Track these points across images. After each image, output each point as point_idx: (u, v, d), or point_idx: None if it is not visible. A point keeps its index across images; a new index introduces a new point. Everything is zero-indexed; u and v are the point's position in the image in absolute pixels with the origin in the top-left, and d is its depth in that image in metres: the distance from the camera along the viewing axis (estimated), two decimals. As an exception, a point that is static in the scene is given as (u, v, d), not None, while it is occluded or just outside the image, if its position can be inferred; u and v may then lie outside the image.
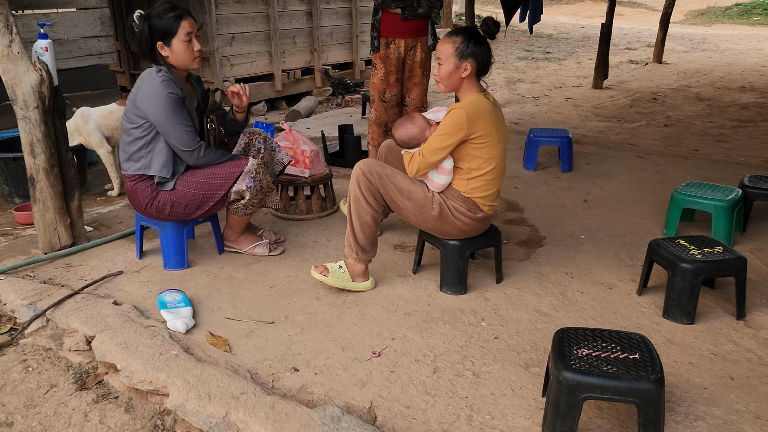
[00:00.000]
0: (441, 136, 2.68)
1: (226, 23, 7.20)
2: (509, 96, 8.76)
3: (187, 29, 2.88)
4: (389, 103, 4.25)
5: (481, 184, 2.77)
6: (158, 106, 2.84)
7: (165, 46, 2.89)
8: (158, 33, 2.87)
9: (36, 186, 3.15)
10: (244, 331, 2.60)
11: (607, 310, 2.79)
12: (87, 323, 2.57)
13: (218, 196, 3.00)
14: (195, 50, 2.93)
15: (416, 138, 2.79)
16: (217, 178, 2.99)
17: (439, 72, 2.76)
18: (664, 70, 10.76)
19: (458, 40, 2.71)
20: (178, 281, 3.02)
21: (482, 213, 2.81)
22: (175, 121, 2.86)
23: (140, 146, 2.94)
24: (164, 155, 2.95)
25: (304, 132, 6.39)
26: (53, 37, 5.51)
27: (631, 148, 5.66)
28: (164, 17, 2.86)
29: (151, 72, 2.91)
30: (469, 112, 2.65)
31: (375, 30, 4.13)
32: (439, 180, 2.78)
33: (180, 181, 2.98)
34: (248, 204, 3.06)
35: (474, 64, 2.71)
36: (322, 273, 2.89)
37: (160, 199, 2.98)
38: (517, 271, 3.16)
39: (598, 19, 19.29)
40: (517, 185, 4.47)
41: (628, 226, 3.73)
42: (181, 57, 2.91)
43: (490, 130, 2.69)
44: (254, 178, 3.00)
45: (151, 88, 2.86)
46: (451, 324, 2.67)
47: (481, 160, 2.73)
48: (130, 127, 2.94)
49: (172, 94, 2.85)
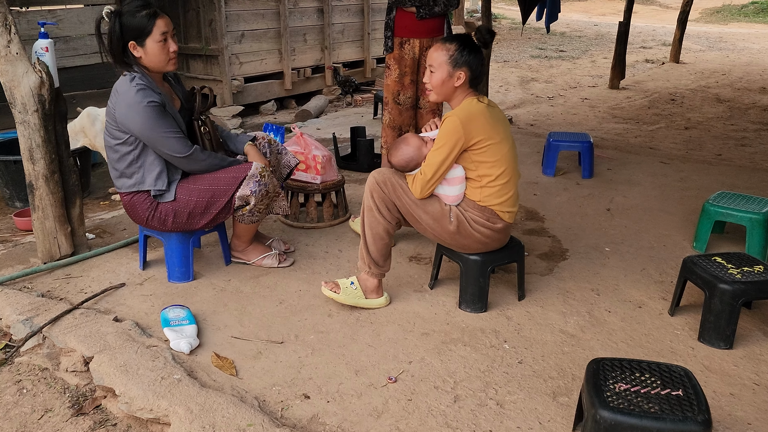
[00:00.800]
0: (438, 150, 2.55)
1: (235, 20, 7.05)
2: (523, 96, 8.57)
3: (162, 28, 2.68)
4: (404, 106, 4.08)
5: (495, 190, 2.60)
6: (139, 119, 2.64)
7: (138, 46, 2.67)
8: (130, 32, 2.65)
9: (35, 193, 3.01)
10: (251, 352, 2.45)
11: (638, 332, 2.62)
12: (85, 342, 2.42)
13: (222, 203, 2.84)
14: (171, 51, 2.72)
15: (414, 159, 2.64)
16: (220, 184, 2.83)
17: (431, 80, 2.63)
18: (681, 69, 10.54)
19: (452, 47, 2.58)
20: (182, 295, 2.87)
21: (502, 222, 2.65)
22: (162, 131, 2.67)
23: (130, 162, 2.77)
24: (157, 167, 2.77)
25: (314, 133, 6.24)
26: (59, 35, 5.38)
27: (652, 152, 5.47)
28: (137, 15, 2.64)
29: (125, 81, 2.68)
30: (462, 118, 2.52)
31: (389, 29, 3.96)
32: (452, 191, 2.62)
33: (180, 190, 2.82)
34: (254, 210, 2.89)
35: (468, 72, 2.59)
36: (332, 290, 2.73)
37: (161, 210, 2.82)
38: (540, 286, 2.99)
39: (611, 17, 19.07)
40: (537, 192, 4.30)
41: (655, 238, 3.55)
42: (155, 58, 2.71)
43: (488, 132, 2.55)
44: (259, 182, 2.83)
45: (127, 100, 2.65)
46: (472, 346, 2.51)
47: (488, 164, 2.57)
48: (114, 143, 2.76)
49: (152, 102, 2.64)
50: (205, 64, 7.19)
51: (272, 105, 7.60)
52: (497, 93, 8.69)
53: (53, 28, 3.27)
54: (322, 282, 2.79)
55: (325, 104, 7.72)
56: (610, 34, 15.10)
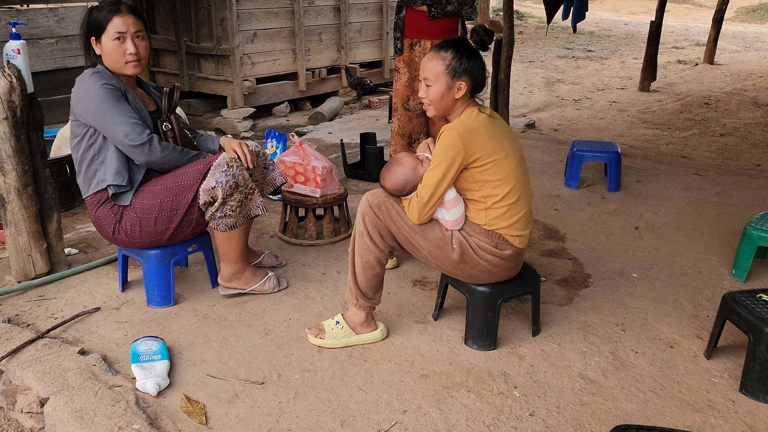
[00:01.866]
0: (435, 168, 2.24)
1: (248, 19, 6.81)
2: (548, 98, 8.20)
3: (118, 27, 2.46)
4: (414, 112, 3.78)
5: (501, 212, 2.29)
6: (93, 102, 2.45)
7: (97, 42, 2.51)
8: (91, 27, 2.51)
9: (7, 207, 2.77)
10: (227, 395, 2.17)
11: (669, 378, 2.29)
12: (42, 380, 2.17)
13: (187, 200, 2.53)
14: (128, 53, 2.49)
15: (410, 181, 2.33)
16: (183, 179, 2.54)
17: (429, 94, 2.31)
18: (715, 71, 10.05)
19: (448, 55, 2.26)
20: (160, 322, 2.61)
21: (512, 249, 2.33)
22: (115, 113, 2.44)
23: (91, 158, 2.54)
24: (116, 161, 2.52)
25: (325, 137, 5.97)
26: (60, 34, 5.19)
27: (685, 162, 5.09)
28: (102, 9, 2.48)
29: (85, 73, 2.53)
30: (460, 131, 2.21)
31: (398, 30, 3.67)
32: (450, 216, 2.31)
33: (142, 194, 2.55)
34: (225, 209, 2.54)
35: (469, 82, 2.28)
36: (317, 336, 2.46)
37: (125, 220, 2.55)
38: (558, 319, 2.67)
39: (642, 15, 18.50)
40: (558, 206, 3.96)
41: (689, 263, 3.19)
42: (110, 58, 2.51)
43: (492, 147, 2.23)
44: (226, 172, 2.49)
45: (82, 85, 2.49)
46: (476, 392, 2.20)
47: (493, 183, 2.26)
48: (75, 141, 2.56)
49: (107, 85, 2.46)
50: (217, 64, 6.96)
51: (285, 107, 7.34)
52: (521, 95, 8.33)
53: (25, 27, 3.05)
54: (306, 329, 2.52)
55: (340, 106, 7.44)
56: (640, 33, 14.60)
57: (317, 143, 5.74)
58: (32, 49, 4.92)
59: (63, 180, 3.81)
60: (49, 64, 5.10)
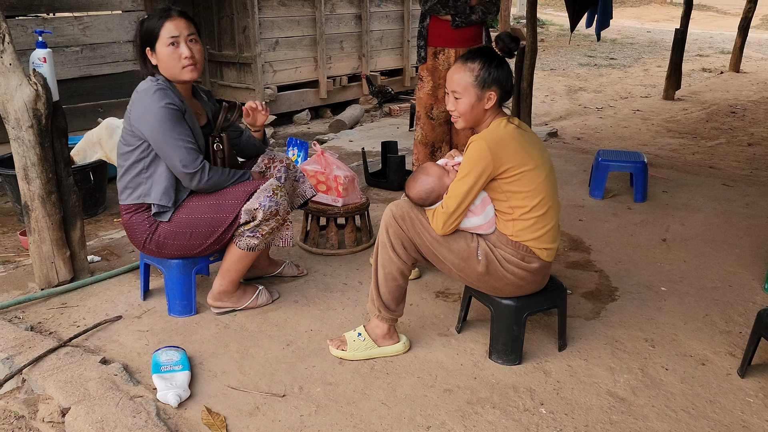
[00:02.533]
0: (463, 179, 2.20)
1: (269, 27, 6.84)
2: (570, 107, 8.12)
3: (171, 31, 2.42)
4: (437, 121, 3.75)
5: (529, 224, 2.24)
6: (153, 121, 2.41)
7: (152, 52, 2.47)
8: (145, 37, 2.47)
9: (31, 215, 2.78)
10: (247, 407, 2.14)
11: (701, 397, 2.22)
12: (64, 390, 2.16)
13: (228, 221, 2.53)
14: (183, 57, 2.45)
15: (435, 191, 2.30)
16: (228, 198, 2.54)
17: (458, 107, 2.27)
18: (741, 79, 9.88)
19: (476, 66, 2.22)
20: (181, 332, 2.59)
21: (539, 262, 2.28)
22: (173, 137, 2.42)
23: (139, 171, 2.52)
24: (165, 181, 2.51)
25: (346, 146, 5.96)
26: (85, 42, 5.24)
27: (712, 172, 4.99)
28: (153, 18, 2.45)
29: (145, 83, 2.48)
30: (489, 142, 2.17)
31: (422, 38, 3.64)
32: (477, 221, 2.27)
33: (181, 208, 2.55)
34: (257, 230, 2.54)
35: (498, 91, 2.24)
36: (339, 347, 2.42)
37: (160, 232, 2.55)
38: (584, 334, 2.60)
39: (665, 23, 18.30)
40: (583, 217, 3.90)
41: (719, 276, 3.11)
42: (166, 65, 2.47)
43: (521, 158, 2.18)
44: (271, 197, 2.52)
45: (144, 99, 2.44)
46: (502, 409, 2.15)
47: (521, 194, 2.21)
48: (126, 150, 2.53)
49: (170, 104, 2.41)
50: (239, 72, 6.99)
51: (306, 114, 7.35)
52: (542, 103, 8.26)
53: (50, 36, 3.06)
54: (328, 340, 2.49)
55: (361, 114, 7.43)
56: (663, 41, 14.46)
57: (338, 151, 5.72)
58: (57, 56, 4.97)
59: (86, 187, 3.84)
60: (73, 72, 5.14)
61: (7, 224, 3.92)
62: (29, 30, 4.81)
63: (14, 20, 4.76)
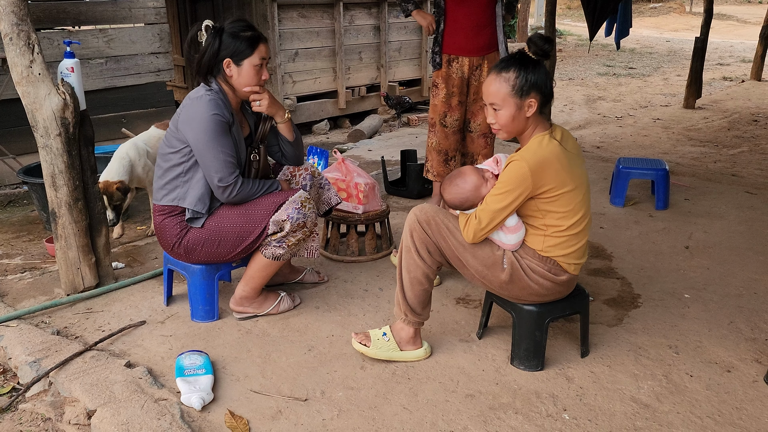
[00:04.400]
0: (499, 195, 2.17)
1: (289, 38, 6.91)
2: (589, 116, 8.09)
3: (263, 54, 2.57)
4: (450, 129, 3.76)
5: (561, 241, 2.23)
6: (200, 128, 2.47)
7: (233, 64, 2.54)
8: (230, 50, 2.53)
9: (58, 221, 2.83)
10: (270, 411, 2.16)
11: (727, 404, 2.19)
12: (90, 392, 2.19)
13: (257, 231, 2.58)
14: (262, 78, 2.60)
15: (470, 199, 2.29)
16: (258, 208, 2.59)
17: (498, 119, 2.21)
18: (763, 88, 9.78)
19: (511, 75, 2.15)
20: (204, 337, 2.62)
21: (567, 275, 2.27)
22: (216, 148, 2.48)
23: (177, 174, 2.58)
24: (202, 187, 2.57)
25: (365, 155, 5.98)
26: (110, 54, 5.33)
27: (735, 180, 4.93)
28: (241, 35, 2.53)
29: (199, 90, 2.55)
30: (531, 164, 2.11)
31: (437, 44, 3.65)
32: (509, 240, 2.25)
33: (212, 215, 2.60)
34: (284, 240, 2.58)
35: (539, 96, 2.17)
36: (362, 342, 2.43)
37: (189, 237, 2.59)
38: (607, 340, 2.59)
39: (684, 33, 18.18)
40: (603, 225, 3.87)
41: (743, 283, 3.07)
42: (246, 81, 2.57)
43: (562, 180, 2.15)
44: (299, 209, 2.56)
45: (195, 105, 2.50)
46: (524, 414, 2.14)
47: (558, 214, 2.19)
48: (168, 151, 2.59)
49: (218, 116, 2.48)
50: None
51: (325, 124, 7.40)
52: (561, 113, 8.24)
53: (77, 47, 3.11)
54: (353, 333, 2.49)
55: (379, 124, 7.46)
56: (683, 50, 14.36)
57: (357, 160, 5.74)
58: (82, 68, 5.06)
59: (110, 195, 3.88)
60: (98, 84, 5.24)
61: (33, 232, 3.99)
62: (55, 42, 4.91)
63: (41, 33, 4.87)
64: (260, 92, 2.63)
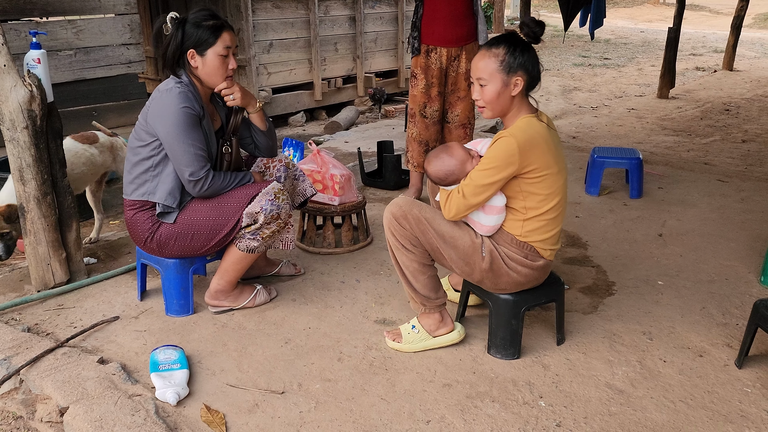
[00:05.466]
0: (486, 170, 2.16)
1: (263, 29, 6.84)
2: (565, 106, 8.14)
3: (227, 42, 2.49)
4: (430, 119, 3.76)
5: (539, 225, 2.24)
6: (169, 121, 2.43)
7: (197, 55, 2.49)
8: (192, 40, 2.47)
9: (26, 216, 2.77)
10: (246, 404, 2.14)
11: (700, 388, 2.22)
12: (62, 389, 2.15)
13: (230, 224, 2.54)
14: (229, 68, 2.53)
15: (455, 173, 2.27)
16: (231, 201, 2.55)
17: (483, 95, 2.22)
18: (735, 77, 9.93)
19: (501, 51, 2.17)
20: (179, 331, 2.59)
21: (543, 260, 2.29)
22: (186, 141, 2.44)
23: (146, 168, 2.53)
24: (172, 181, 2.53)
25: (342, 146, 5.96)
26: (79, 45, 5.23)
27: (707, 168, 5.00)
28: (203, 24, 2.47)
29: (169, 83, 2.50)
30: (520, 141, 2.12)
31: (416, 29, 3.64)
32: (488, 221, 2.26)
33: (184, 209, 2.56)
34: (258, 232, 2.55)
35: (525, 76, 2.19)
36: (395, 339, 2.44)
37: (161, 232, 2.55)
38: (582, 328, 2.61)
39: (658, 23, 18.37)
40: (579, 214, 3.90)
41: (716, 270, 3.12)
42: (212, 71, 2.51)
43: (547, 161, 2.17)
44: (272, 201, 2.53)
45: (165, 100, 2.45)
46: (501, 402, 2.15)
47: (539, 197, 2.20)
48: (137, 144, 2.54)
49: (188, 108, 2.44)
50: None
51: (301, 116, 7.36)
52: (537, 103, 8.27)
53: (44, 39, 3.04)
54: (384, 332, 2.50)
55: (356, 115, 7.44)
56: (657, 41, 14.51)
57: (334, 152, 5.71)
58: (51, 60, 4.95)
59: (82, 190, 3.81)
60: (67, 76, 5.13)
61: (2, 228, 3.90)
62: (22, 34, 4.80)
63: (7, 24, 4.75)
64: (230, 86, 2.58)
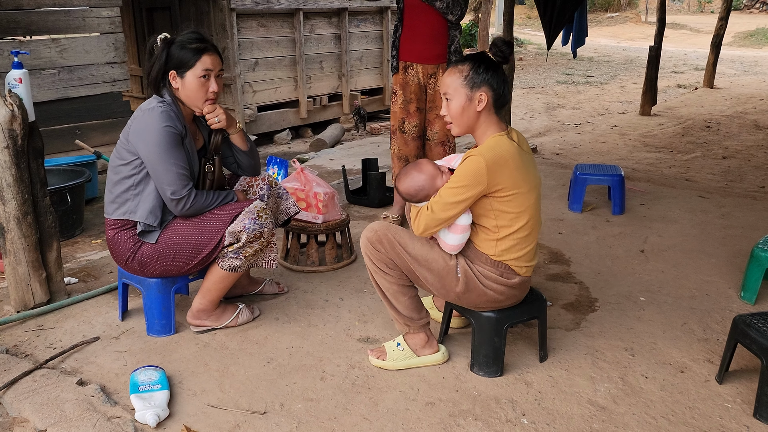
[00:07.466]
0: (454, 189, 2.18)
1: (249, 48, 6.86)
2: (549, 123, 8.22)
3: (207, 65, 2.49)
4: (409, 135, 3.79)
5: (513, 244, 2.25)
6: (151, 141, 2.43)
7: (177, 76, 2.50)
8: (174, 61, 2.49)
9: (6, 236, 2.75)
10: (228, 425, 2.12)
11: (681, 404, 2.23)
12: (40, 412, 2.12)
13: (213, 243, 2.53)
14: (210, 91, 2.52)
15: (425, 189, 2.28)
16: (213, 219, 2.54)
17: (449, 109, 2.26)
18: (715, 95, 10.08)
19: (465, 67, 2.22)
20: (160, 351, 2.56)
21: (519, 277, 2.30)
22: (168, 160, 2.43)
23: (128, 187, 2.52)
24: (153, 200, 2.51)
25: (327, 164, 5.97)
26: (63, 64, 5.22)
27: (688, 184, 5.06)
28: (186, 46, 2.48)
29: (151, 102, 2.50)
30: (488, 161, 2.14)
31: (395, 48, 3.70)
32: (452, 240, 2.27)
33: (166, 229, 2.54)
34: (240, 251, 2.54)
35: (490, 93, 2.21)
36: (379, 357, 2.44)
37: (143, 251, 2.54)
38: (565, 344, 2.62)
39: (641, 41, 18.64)
40: (562, 230, 3.93)
41: (696, 286, 3.15)
42: (191, 93, 2.51)
43: (516, 181, 2.18)
44: (255, 219, 2.53)
45: (147, 119, 2.45)
46: (484, 420, 2.14)
47: (510, 215, 2.22)
48: (119, 163, 2.53)
49: (170, 128, 2.44)
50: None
51: (287, 134, 7.36)
52: (521, 120, 8.36)
53: (27, 58, 3.04)
54: (368, 350, 2.50)
55: (341, 133, 7.46)
56: (639, 59, 14.71)
57: (319, 170, 5.73)
58: (34, 79, 4.95)
59: (63, 209, 3.80)
60: (51, 94, 5.12)
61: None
62: (5, 53, 4.79)
63: (-9, 43, 4.74)
64: (212, 110, 2.58)
